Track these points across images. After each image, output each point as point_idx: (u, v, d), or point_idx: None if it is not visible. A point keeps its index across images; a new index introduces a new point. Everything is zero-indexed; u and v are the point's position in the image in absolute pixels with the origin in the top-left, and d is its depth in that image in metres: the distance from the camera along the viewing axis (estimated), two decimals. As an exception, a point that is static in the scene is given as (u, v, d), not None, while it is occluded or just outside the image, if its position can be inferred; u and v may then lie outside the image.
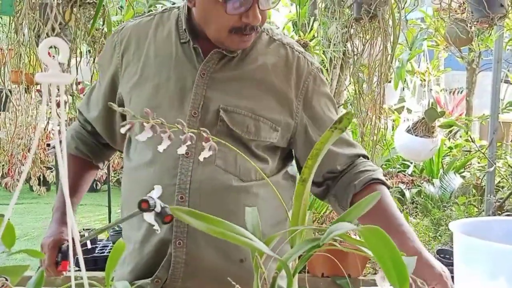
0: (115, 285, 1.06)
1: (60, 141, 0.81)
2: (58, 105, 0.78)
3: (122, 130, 1.04)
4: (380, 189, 1.70)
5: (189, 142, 1.06)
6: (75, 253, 1.80)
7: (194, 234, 1.67)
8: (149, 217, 1.38)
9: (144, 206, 1.37)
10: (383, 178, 1.74)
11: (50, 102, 0.77)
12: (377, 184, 1.72)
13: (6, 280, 1.09)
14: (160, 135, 1.04)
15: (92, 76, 3.82)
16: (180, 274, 1.69)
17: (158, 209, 1.37)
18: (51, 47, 0.79)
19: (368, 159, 1.82)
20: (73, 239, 0.95)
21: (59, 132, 0.79)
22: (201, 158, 1.08)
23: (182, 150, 1.06)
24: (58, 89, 0.77)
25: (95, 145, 1.99)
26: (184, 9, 1.76)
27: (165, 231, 1.68)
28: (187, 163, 1.68)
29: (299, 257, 0.98)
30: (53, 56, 0.80)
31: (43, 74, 0.76)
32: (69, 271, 1.79)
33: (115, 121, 1.89)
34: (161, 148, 1.06)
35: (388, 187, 1.75)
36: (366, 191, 1.70)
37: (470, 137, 4.73)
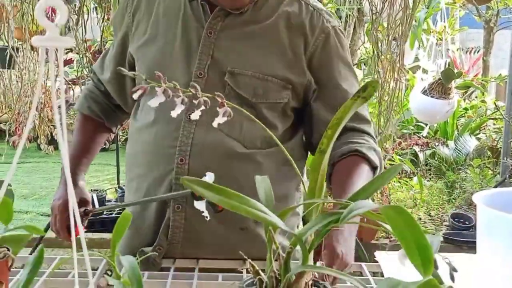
0: (121, 259, 1.03)
1: (59, 106, 0.76)
2: (64, 63, 0.74)
3: (135, 96, 1.00)
4: (358, 162, 1.61)
5: (203, 107, 1.01)
6: (87, 217, 1.80)
7: (192, 200, 1.64)
8: (200, 205, 1.36)
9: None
10: (367, 153, 1.62)
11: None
12: (357, 157, 1.62)
13: (8, 250, 1.06)
14: (170, 99, 0.99)
15: (101, 35, 3.76)
16: (179, 239, 1.67)
17: None
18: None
19: (371, 136, 1.71)
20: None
21: (58, 96, 0.74)
22: (215, 124, 1.04)
23: (196, 115, 1.01)
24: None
25: (108, 106, 1.97)
26: None
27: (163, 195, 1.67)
28: (189, 126, 1.65)
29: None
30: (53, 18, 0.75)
31: (39, 37, 0.71)
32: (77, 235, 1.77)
33: (126, 83, 1.87)
34: (174, 113, 1.02)
35: (373, 165, 1.63)
36: (344, 161, 1.62)
37: (495, 104, 4.65)
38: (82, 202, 1.80)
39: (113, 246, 1.07)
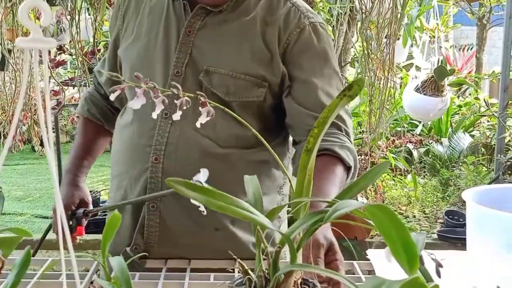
0: (110, 260, 1.03)
1: (45, 108, 0.76)
2: (57, 65, 0.73)
3: (112, 97, 1.00)
4: (330, 162, 1.55)
5: (185, 107, 1.02)
6: (87, 218, 1.80)
7: (168, 199, 1.65)
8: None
9: None
10: (339, 151, 1.56)
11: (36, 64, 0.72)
12: (329, 157, 1.55)
13: (-3, 252, 1.05)
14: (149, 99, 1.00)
15: (94, 35, 3.76)
16: (155, 239, 1.67)
17: None
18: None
19: (348, 134, 1.65)
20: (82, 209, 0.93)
21: (44, 99, 0.74)
22: (197, 124, 1.04)
23: (177, 116, 1.02)
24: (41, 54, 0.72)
25: (107, 109, 1.98)
26: None
27: (139, 194, 1.67)
28: (165, 125, 1.66)
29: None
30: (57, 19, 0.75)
31: (24, 38, 0.71)
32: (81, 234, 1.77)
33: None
34: (154, 114, 1.03)
35: (346, 164, 1.57)
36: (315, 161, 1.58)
37: (485, 100, 4.66)
38: (82, 203, 1.81)
39: (103, 247, 1.07)
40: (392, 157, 5.27)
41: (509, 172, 4.92)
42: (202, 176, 1.32)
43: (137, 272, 1.51)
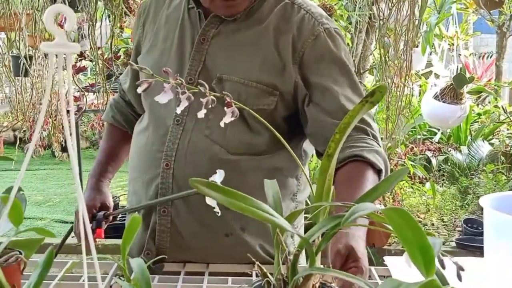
0: (130, 262, 1.04)
1: (68, 111, 0.77)
2: (77, 71, 0.75)
3: (139, 90, 1.02)
4: (360, 167, 1.55)
5: (210, 106, 1.03)
6: (107, 221, 1.82)
7: (178, 203, 1.67)
8: (211, 200, 1.38)
9: None
10: (369, 156, 1.55)
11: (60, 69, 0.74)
12: (359, 162, 1.56)
13: (20, 253, 1.07)
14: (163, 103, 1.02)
15: (111, 42, 3.79)
16: (166, 244, 1.69)
17: None
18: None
19: (375, 138, 1.64)
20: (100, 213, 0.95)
21: (68, 102, 0.76)
22: (222, 123, 1.06)
23: (201, 113, 1.03)
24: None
25: (132, 116, 2.00)
26: None
27: (152, 198, 1.69)
28: (176, 131, 1.67)
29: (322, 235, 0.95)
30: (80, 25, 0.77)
31: (48, 43, 0.72)
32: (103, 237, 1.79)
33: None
34: (179, 110, 1.07)
35: (377, 168, 1.57)
36: (345, 168, 1.55)
37: (502, 107, 4.63)
38: (104, 206, 1.84)
39: (123, 249, 1.08)
40: (411, 164, 5.25)
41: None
42: (218, 176, 1.34)
43: (156, 275, 1.52)
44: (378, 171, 1.57)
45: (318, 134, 1.67)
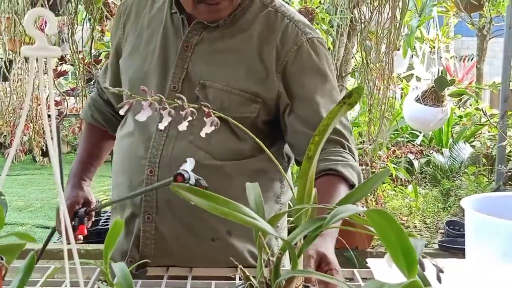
0: (112, 266, 1.04)
1: (49, 115, 0.77)
2: (58, 75, 0.75)
3: (121, 112, 1.02)
4: (333, 181, 1.56)
5: (190, 118, 1.03)
6: (89, 217, 1.81)
7: (163, 210, 1.66)
8: None
9: (180, 180, 1.36)
10: (343, 170, 1.56)
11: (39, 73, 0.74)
12: (332, 176, 1.56)
13: (1, 259, 1.07)
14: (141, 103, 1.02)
15: (91, 45, 3.78)
16: (150, 251, 1.68)
17: (192, 181, 1.37)
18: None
19: (351, 151, 1.65)
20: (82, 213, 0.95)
21: (49, 105, 0.76)
22: (202, 134, 1.06)
23: (183, 126, 1.03)
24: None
25: (111, 115, 1.99)
26: None
27: (135, 205, 1.69)
28: (160, 137, 1.67)
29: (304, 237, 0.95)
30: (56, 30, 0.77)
31: (29, 47, 0.72)
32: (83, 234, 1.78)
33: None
34: (162, 125, 1.06)
35: (350, 183, 1.57)
36: (318, 181, 1.50)
37: (482, 110, 4.67)
38: (86, 203, 1.82)
39: (105, 254, 1.08)
40: (393, 167, 5.28)
41: (510, 182, 4.93)
42: (189, 165, 1.34)
43: (139, 280, 1.52)
44: (351, 186, 1.58)
45: (297, 144, 1.68)
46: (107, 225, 4.60)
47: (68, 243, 0.81)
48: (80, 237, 1.78)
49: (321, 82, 1.68)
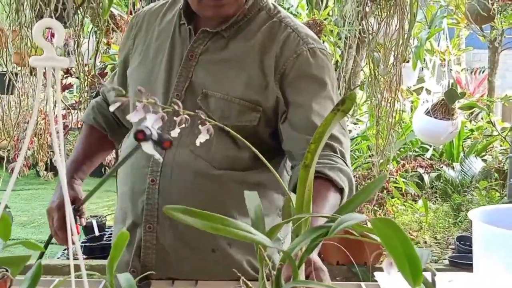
0: (118, 277, 1.06)
1: (57, 127, 0.80)
2: (63, 88, 0.77)
3: (111, 108, 1.03)
4: (320, 185, 1.51)
5: (183, 125, 1.05)
6: (80, 214, 1.82)
7: (163, 221, 1.69)
8: (147, 147, 1.37)
9: (140, 137, 1.36)
10: (330, 173, 1.55)
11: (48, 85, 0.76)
12: (320, 179, 1.52)
13: (7, 271, 1.09)
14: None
15: (95, 57, 3.81)
16: (151, 261, 1.71)
17: (155, 136, 1.37)
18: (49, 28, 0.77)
19: (342, 156, 1.64)
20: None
21: (56, 116, 0.78)
22: (197, 142, 1.07)
23: (175, 132, 1.05)
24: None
25: (113, 120, 2.01)
26: None
27: (137, 215, 1.71)
28: None
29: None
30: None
31: (37, 57, 0.75)
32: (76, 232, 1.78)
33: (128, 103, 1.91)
34: (174, 133, 1.06)
35: (338, 186, 1.56)
36: None
37: (491, 121, 4.67)
38: (76, 201, 1.83)
39: (110, 266, 1.10)
40: (403, 181, 5.28)
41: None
42: (149, 119, 1.33)
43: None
44: (340, 190, 1.57)
45: (290, 150, 1.70)
46: (111, 240, 4.62)
47: (75, 259, 0.83)
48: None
49: (319, 90, 1.70)
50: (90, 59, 4.14)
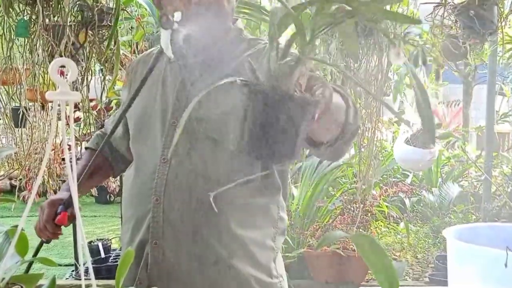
0: (124, 291, 1.07)
1: (71, 158, 0.82)
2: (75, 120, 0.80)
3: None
4: None
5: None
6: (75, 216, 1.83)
7: (168, 236, 1.70)
8: (165, 34, 1.34)
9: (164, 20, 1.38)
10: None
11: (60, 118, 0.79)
12: None
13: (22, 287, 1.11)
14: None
15: (102, 93, 3.85)
16: (157, 275, 1.71)
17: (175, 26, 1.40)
18: (62, 66, 0.81)
19: None
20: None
21: (70, 147, 0.81)
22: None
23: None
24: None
25: (116, 150, 2.04)
26: None
27: (144, 232, 1.72)
28: (163, 168, 1.72)
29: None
30: (66, 76, 0.82)
31: (53, 92, 0.78)
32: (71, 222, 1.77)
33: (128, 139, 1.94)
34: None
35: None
36: None
37: (463, 149, 4.72)
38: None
39: (117, 283, 1.11)
40: (386, 205, 5.31)
41: (496, 219, 4.95)
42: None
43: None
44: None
45: None
46: (116, 261, 4.62)
47: (87, 278, 0.85)
48: (60, 230, 1.79)
49: None
50: (97, 100, 4.17)
